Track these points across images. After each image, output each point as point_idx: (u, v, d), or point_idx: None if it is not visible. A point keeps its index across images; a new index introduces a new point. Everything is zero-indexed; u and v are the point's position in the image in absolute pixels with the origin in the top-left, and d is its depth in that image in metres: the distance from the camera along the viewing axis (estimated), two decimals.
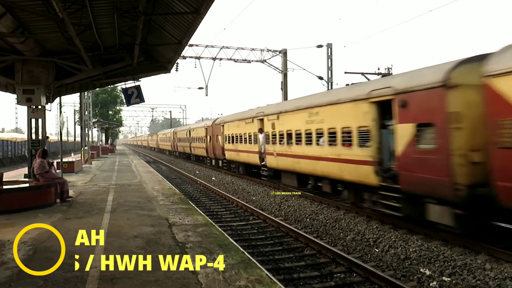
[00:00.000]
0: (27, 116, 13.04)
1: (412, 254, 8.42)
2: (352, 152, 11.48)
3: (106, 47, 12.58)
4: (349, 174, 11.69)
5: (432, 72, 8.98)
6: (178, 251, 6.27)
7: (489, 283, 6.75)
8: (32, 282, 4.99)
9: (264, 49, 30.03)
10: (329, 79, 27.61)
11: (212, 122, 29.30)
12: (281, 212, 13.37)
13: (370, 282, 7.10)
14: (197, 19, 9.56)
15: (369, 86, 11.24)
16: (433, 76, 8.72)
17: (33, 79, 12.44)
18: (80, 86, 15.15)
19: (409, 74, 10.03)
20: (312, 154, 13.94)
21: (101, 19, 10.39)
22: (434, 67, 9.28)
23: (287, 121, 16.24)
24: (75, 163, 21.16)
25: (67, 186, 11.47)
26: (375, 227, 10.47)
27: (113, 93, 49.38)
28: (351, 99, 11.61)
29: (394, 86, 9.84)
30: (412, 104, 9.18)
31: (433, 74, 8.84)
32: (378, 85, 10.74)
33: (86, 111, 30.64)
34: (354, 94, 11.59)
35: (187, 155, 41.30)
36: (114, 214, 9.42)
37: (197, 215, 9.42)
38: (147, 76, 15.82)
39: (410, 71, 10.20)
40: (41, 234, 7.41)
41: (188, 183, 22.39)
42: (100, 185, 15.50)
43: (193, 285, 4.86)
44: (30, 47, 11.59)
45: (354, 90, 11.98)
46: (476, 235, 8.31)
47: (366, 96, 10.85)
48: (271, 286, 4.87)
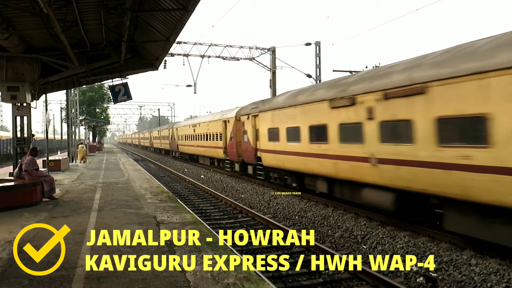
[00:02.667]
0: (12, 114, 12.83)
1: (400, 250, 8.50)
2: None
3: (93, 44, 12.43)
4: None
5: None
6: (166, 249, 6.23)
7: (474, 278, 6.85)
8: (17, 281, 4.91)
9: (253, 47, 29.97)
10: (318, 77, 27.68)
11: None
12: (270, 209, 13.38)
13: (358, 278, 7.15)
14: (185, 16, 9.49)
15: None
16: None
17: (18, 76, 12.26)
18: (66, 84, 14.96)
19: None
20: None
21: (87, 15, 10.26)
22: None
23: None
24: (62, 162, 20.91)
25: (54, 184, 11.35)
26: (363, 224, 10.55)
27: (100, 91, 48.84)
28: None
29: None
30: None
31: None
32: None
33: (73, 108, 30.22)
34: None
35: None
36: (101, 212, 9.32)
37: (185, 213, 9.38)
38: (135, 74, 15.70)
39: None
40: (28, 233, 7.29)
41: (177, 181, 22.28)
42: (87, 183, 15.34)
43: (181, 283, 4.83)
44: (15, 43, 11.40)
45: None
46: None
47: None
48: (259, 283, 4.87)
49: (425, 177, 8.43)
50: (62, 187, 13.90)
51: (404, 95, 8.93)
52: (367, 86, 10.38)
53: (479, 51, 7.54)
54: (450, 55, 8.30)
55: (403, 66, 9.54)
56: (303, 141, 13.64)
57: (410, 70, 9.05)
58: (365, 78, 10.86)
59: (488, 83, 7.05)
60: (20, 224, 8.05)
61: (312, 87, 15.24)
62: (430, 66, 8.49)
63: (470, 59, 7.56)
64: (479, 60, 7.32)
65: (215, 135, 25.87)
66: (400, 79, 9.18)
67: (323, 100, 12.31)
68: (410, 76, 8.89)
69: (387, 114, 9.52)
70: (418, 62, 9.12)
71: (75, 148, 29.01)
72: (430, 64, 8.57)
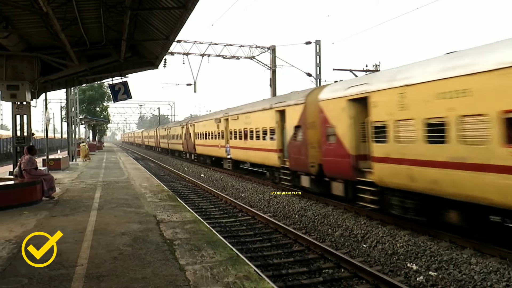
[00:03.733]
0: (11, 113, 12.81)
1: (400, 249, 8.49)
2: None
3: (92, 42, 12.40)
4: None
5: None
6: (165, 248, 6.22)
7: (474, 277, 6.84)
8: (17, 280, 4.90)
9: (253, 46, 29.96)
10: (318, 76, 27.67)
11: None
12: (270, 208, 13.37)
13: (358, 277, 7.14)
14: (185, 14, 9.47)
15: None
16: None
17: (18, 75, 12.24)
18: (66, 82, 14.94)
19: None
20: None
21: (87, 13, 10.24)
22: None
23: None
24: (62, 160, 20.90)
25: (53, 183, 11.34)
26: (363, 223, 10.55)
27: (100, 90, 48.82)
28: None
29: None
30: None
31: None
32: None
33: (73, 107, 30.21)
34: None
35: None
36: (101, 211, 9.31)
37: (185, 212, 9.37)
38: (135, 72, 15.68)
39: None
40: (27, 232, 7.29)
41: (177, 180, 22.27)
42: (87, 182, 15.32)
43: (181, 282, 4.82)
44: (14, 42, 11.36)
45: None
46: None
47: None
48: (259, 282, 4.86)
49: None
50: (62, 186, 13.89)
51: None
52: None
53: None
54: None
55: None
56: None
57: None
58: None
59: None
60: (20, 223, 8.05)
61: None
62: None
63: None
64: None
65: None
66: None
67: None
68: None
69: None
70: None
71: (75, 147, 28.99)
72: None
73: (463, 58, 8.30)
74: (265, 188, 17.13)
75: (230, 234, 10.10)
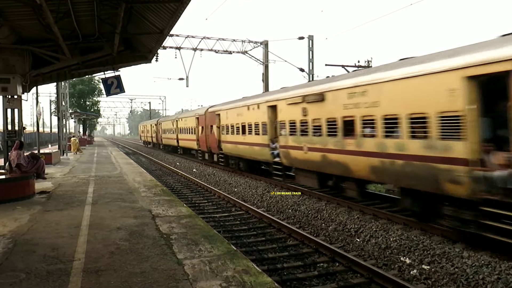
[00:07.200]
0: (2, 106, 12.64)
1: (393, 243, 8.60)
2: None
3: (85, 35, 12.23)
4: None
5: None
6: (163, 242, 6.23)
7: (466, 271, 6.96)
8: (14, 275, 4.88)
9: (246, 40, 29.88)
10: (310, 71, 27.72)
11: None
12: (264, 203, 13.42)
13: (352, 271, 7.23)
14: (180, 8, 9.39)
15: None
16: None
17: (9, 68, 12.07)
18: (58, 76, 14.74)
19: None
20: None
21: (80, 6, 10.10)
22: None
23: None
24: (53, 155, 20.70)
25: (44, 167, 11.31)
26: (356, 217, 10.65)
27: (91, 84, 48.30)
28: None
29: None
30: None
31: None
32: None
33: (63, 101, 29.84)
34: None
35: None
36: (96, 206, 9.27)
37: (180, 206, 9.36)
38: (128, 66, 15.51)
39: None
40: (21, 227, 7.25)
41: (169, 175, 22.20)
42: (80, 176, 15.21)
43: (180, 276, 4.83)
44: (5, 34, 11.19)
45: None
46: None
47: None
48: (257, 276, 4.89)
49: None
50: (55, 181, 13.77)
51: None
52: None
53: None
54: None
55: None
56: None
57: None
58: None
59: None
60: (13, 218, 7.99)
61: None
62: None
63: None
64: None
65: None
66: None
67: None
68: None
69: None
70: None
71: (66, 141, 28.69)
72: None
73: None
74: (258, 183, 17.17)
75: (225, 229, 10.13)
